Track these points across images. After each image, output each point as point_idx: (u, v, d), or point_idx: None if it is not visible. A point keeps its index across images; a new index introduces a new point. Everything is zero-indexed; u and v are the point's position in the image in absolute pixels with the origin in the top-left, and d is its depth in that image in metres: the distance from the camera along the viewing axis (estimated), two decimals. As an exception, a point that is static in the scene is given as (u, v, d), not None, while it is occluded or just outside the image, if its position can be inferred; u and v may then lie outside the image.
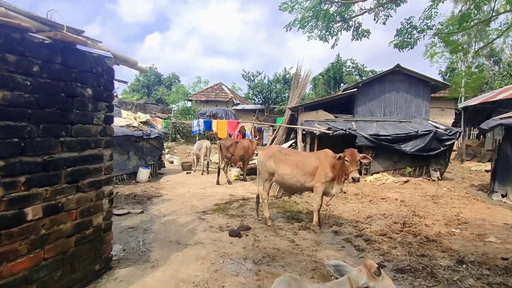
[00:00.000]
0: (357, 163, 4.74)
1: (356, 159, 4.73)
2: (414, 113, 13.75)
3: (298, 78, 17.77)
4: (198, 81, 36.81)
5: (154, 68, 39.13)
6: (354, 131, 10.59)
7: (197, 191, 8.37)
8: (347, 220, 5.67)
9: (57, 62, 2.62)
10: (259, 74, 24.37)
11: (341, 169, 4.85)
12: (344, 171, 4.81)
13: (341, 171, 4.87)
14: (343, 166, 4.78)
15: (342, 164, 4.79)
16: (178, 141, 20.33)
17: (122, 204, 6.76)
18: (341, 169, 4.84)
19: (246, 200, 7.32)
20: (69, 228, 2.79)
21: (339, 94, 14.72)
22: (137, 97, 28.83)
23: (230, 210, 6.34)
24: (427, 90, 13.69)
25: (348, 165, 4.70)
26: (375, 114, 14.01)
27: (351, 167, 4.68)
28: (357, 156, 4.76)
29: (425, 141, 9.89)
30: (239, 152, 9.74)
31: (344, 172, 4.82)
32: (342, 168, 4.82)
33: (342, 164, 4.79)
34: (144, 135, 10.12)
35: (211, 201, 7.18)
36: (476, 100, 15.49)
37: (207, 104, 24.92)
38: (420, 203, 6.85)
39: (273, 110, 22.75)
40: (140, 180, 9.77)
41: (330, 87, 29.08)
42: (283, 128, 16.98)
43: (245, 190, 8.77)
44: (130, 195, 7.51)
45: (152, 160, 11.13)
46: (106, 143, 3.25)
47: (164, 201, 7.12)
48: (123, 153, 9.63)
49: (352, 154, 4.74)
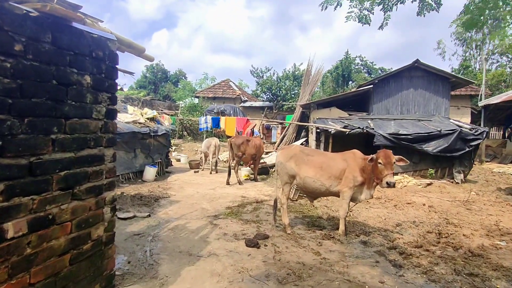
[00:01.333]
0: (392, 166, 4.20)
1: (391, 162, 4.19)
2: (433, 111, 13.09)
3: (309, 74, 17.19)
4: (205, 78, 36.34)
5: (161, 65, 38.83)
6: (372, 130, 9.99)
7: (207, 192, 7.89)
8: (374, 228, 5.12)
9: (46, 41, 2.11)
10: (268, 71, 23.85)
11: (372, 172, 4.31)
12: (376, 174, 4.27)
13: (372, 174, 4.33)
14: (375, 169, 4.24)
15: (374, 167, 4.25)
16: (185, 138, 19.91)
17: (127, 206, 6.30)
18: (373, 172, 4.30)
19: (259, 203, 6.81)
20: (63, 244, 2.30)
21: (353, 90, 14.11)
22: (143, 93, 28.48)
23: (243, 214, 5.84)
24: (447, 87, 13.02)
25: (382, 168, 4.16)
26: (391, 112, 13.38)
27: (386, 170, 4.14)
28: (392, 158, 4.22)
29: (449, 141, 9.26)
30: (250, 150, 9.23)
31: (377, 176, 4.28)
32: (374, 171, 4.28)
33: (374, 167, 4.25)
34: (151, 132, 9.67)
35: (222, 203, 6.69)
36: (498, 98, 14.74)
37: (214, 101, 24.46)
38: (451, 209, 6.27)
39: (282, 108, 22.19)
40: (146, 179, 9.32)
41: (339, 85, 28.40)
42: (293, 126, 16.43)
43: (257, 191, 8.26)
44: (136, 195, 7.05)
45: (159, 158, 10.69)
46: (108, 141, 2.76)
47: (172, 203, 6.64)
48: (129, 151, 9.19)
49: (386, 155, 4.20)
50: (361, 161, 4.41)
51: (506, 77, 23.58)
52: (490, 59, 36.79)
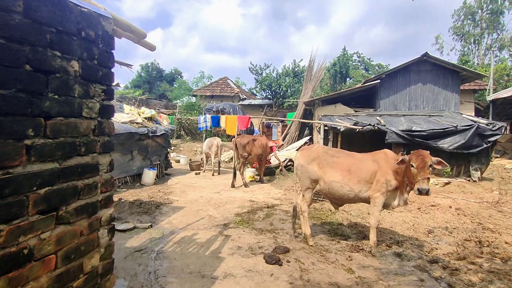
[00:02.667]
0: (427, 170, 3.62)
1: (426, 165, 3.60)
2: (443, 106, 12.61)
3: (311, 70, 16.65)
4: (202, 76, 35.69)
5: (156, 64, 38.06)
6: (384, 127, 9.47)
7: (212, 196, 7.31)
8: (404, 236, 4.59)
9: (16, 11, 1.53)
10: (268, 67, 23.23)
11: (405, 175, 3.76)
12: (409, 179, 3.72)
13: (406, 178, 3.79)
14: (408, 173, 3.70)
15: (407, 170, 3.71)
16: (183, 138, 19.27)
17: (126, 214, 5.72)
18: (406, 175, 3.76)
19: (270, 208, 6.25)
20: (45, 285, 1.73)
21: (360, 86, 13.59)
22: (139, 92, 27.78)
23: (256, 222, 5.27)
24: (456, 81, 12.53)
25: (415, 172, 3.61)
26: (399, 108, 12.87)
27: (419, 174, 3.58)
28: (428, 160, 3.65)
29: (466, 137, 8.76)
30: (257, 150, 8.67)
31: (410, 180, 3.73)
32: (406, 174, 3.73)
33: (407, 170, 3.71)
34: (149, 132, 9.06)
35: (230, 209, 6.12)
36: (508, 92, 14.32)
37: (212, 99, 23.83)
38: (481, 211, 5.75)
39: (283, 105, 21.62)
40: (145, 183, 8.73)
41: (336, 82, 27.91)
42: (296, 123, 15.89)
43: (266, 194, 7.70)
44: (135, 202, 6.46)
45: (158, 160, 10.09)
46: (103, 146, 2.19)
47: (175, 209, 6.06)
48: (126, 153, 8.58)
49: (420, 157, 3.64)
50: (394, 163, 3.87)
51: (509, 71, 23.20)
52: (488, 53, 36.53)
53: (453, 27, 38.38)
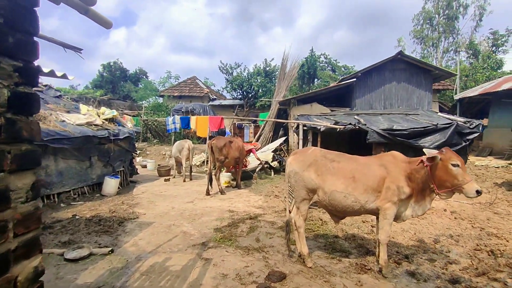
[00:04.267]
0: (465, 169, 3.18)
1: (463, 163, 3.15)
2: (416, 105, 12.62)
3: (284, 69, 16.19)
4: (168, 76, 34.13)
5: (119, 63, 35.77)
6: (365, 126, 9.11)
7: (185, 207, 6.45)
8: (410, 248, 4.07)
9: None
10: (238, 66, 22.49)
11: (431, 179, 3.19)
12: (448, 181, 3.12)
13: (425, 183, 3.23)
14: (444, 175, 3.11)
15: (441, 172, 3.13)
16: (150, 141, 17.98)
17: (81, 235, 4.71)
18: (433, 179, 3.18)
19: (253, 219, 5.52)
20: None
21: (336, 84, 13.27)
22: (100, 92, 25.83)
23: (239, 238, 4.52)
24: (429, 80, 12.59)
25: (458, 172, 3.07)
26: (374, 107, 12.72)
27: (465, 174, 3.08)
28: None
29: (446, 136, 8.61)
30: (234, 153, 7.90)
31: (451, 183, 3.10)
32: (439, 177, 3.14)
33: (441, 172, 3.13)
34: (110, 135, 7.97)
35: (207, 223, 5.31)
36: (473, 91, 14.74)
37: (180, 100, 22.64)
38: (477, 214, 5.44)
39: (255, 105, 20.98)
40: (107, 193, 7.63)
41: (304, 82, 27.92)
42: (270, 124, 15.30)
43: (245, 202, 6.96)
44: (93, 219, 5.44)
45: (122, 166, 8.98)
46: (18, 159, 1.35)
47: (142, 226, 5.14)
48: (83, 160, 7.44)
49: (457, 155, 3.15)
50: (406, 166, 3.31)
51: (467, 72, 24.34)
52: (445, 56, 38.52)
53: (413, 31, 40.04)
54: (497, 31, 26.67)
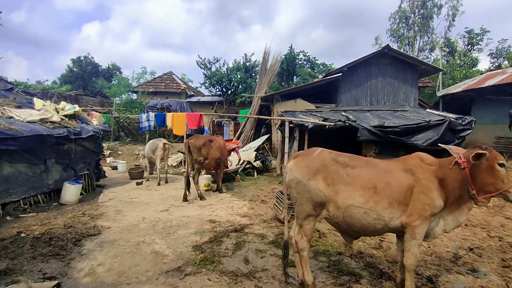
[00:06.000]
0: None
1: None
2: (403, 101, 12.27)
3: (266, 63, 15.45)
4: (143, 72, 32.50)
5: (90, 58, 33.57)
6: (355, 123, 8.52)
7: (158, 217, 5.53)
8: (429, 267, 3.42)
9: None
10: (217, 61, 21.46)
11: (471, 183, 2.52)
12: (485, 186, 2.50)
13: (462, 189, 2.56)
14: (490, 177, 2.47)
15: (487, 173, 2.48)
16: (122, 140, 16.69)
17: (23, 260, 3.72)
18: (477, 182, 2.52)
19: (239, 231, 4.71)
20: None
21: (321, 79, 12.69)
22: (66, 87, 24.00)
23: (224, 259, 3.70)
24: (415, 75, 12.28)
25: (503, 173, 2.46)
26: (360, 103, 12.24)
27: (509, 175, 2.47)
28: None
29: (439, 133, 8.17)
30: (214, 153, 7.04)
31: (495, 187, 2.50)
32: (485, 179, 2.50)
33: (487, 173, 2.48)
34: (70, 134, 6.88)
35: (184, 238, 4.45)
36: (456, 87, 14.64)
37: (156, 96, 21.38)
38: (489, 220, 4.92)
39: (235, 102, 20.09)
40: (66, 202, 6.56)
41: (283, 79, 27.46)
42: (251, 121, 14.53)
43: (228, 209, 6.14)
44: (42, 237, 4.43)
45: (86, 169, 7.89)
46: None
47: (103, 245, 4.20)
48: (36, 163, 6.33)
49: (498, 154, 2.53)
50: (437, 170, 2.63)
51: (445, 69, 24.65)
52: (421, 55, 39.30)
53: (390, 29, 40.54)
54: (472, 30, 27.24)
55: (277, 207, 5.27)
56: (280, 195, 5.32)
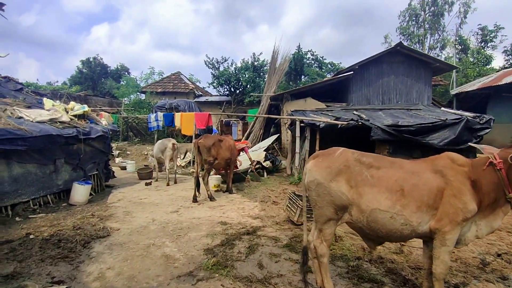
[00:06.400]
0: None
1: None
2: (415, 100, 11.96)
3: (275, 62, 15.27)
4: (152, 73, 32.57)
5: (99, 59, 33.85)
6: (368, 122, 8.30)
7: (168, 219, 5.42)
8: (455, 274, 3.21)
9: None
10: (225, 61, 21.36)
11: (507, 186, 2.32)
12: None
13: (497, 192, 2.36)
14: None
15: None
16: (131, 140, 16.71)
17: (31, 263, 3.64)
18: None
19: (252, 234, 4.57)
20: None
21: (331, 77, 12.46)
22: (76, 88, 24.18)
23: (237, 263, 3.56)
24: (428, 73, 11.96)
25: None
26: (372, 102, 11.97)
27: None
28: None
29: (456, 132, 7.89)
30: (224, 154, 6.91)
31: None
32: None
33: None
34: (79, 134, 6.83)
35: (195, 241, 4.32)
36: (471, 85, 14.22)
37: (164, 96, 21.39)
38: (507, 219, 4.67)
39: (243, 102, 19.96)
40: (75, 202, 6.51)
41: (291, 79, 27.25)
42: (260, 121, 14.36)
43: (239, 211, 5.99)
44: (51, 238, 4.35)
45: (96, 169, 7.84)
46: None
47: (113, 248, 4.10)
48: (45, 163, 6.30)
49: None
50: (469, 171, 2.43)
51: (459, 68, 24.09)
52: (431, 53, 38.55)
53: (399, 28, 39.92)
54: (485, 27, 26.57)
55: (290, 208, 5.10)
56: (293, 196, 5.15)
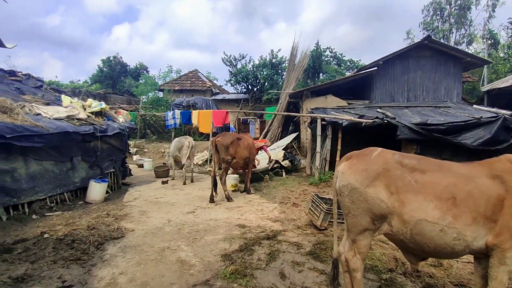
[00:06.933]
0: None
1: None
2: (444, 97, 11.30)
3: (294, 58, 14.88)
4: (169, 71, 32.70)
5: (118, 58, 34.42)
6: (394, 120, 7.82)
7: (184, 220, 5.21)
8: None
9: None
10: (243, 58, 21.08)
11: None
12: None
13: None
14: None
15: None
16: (148, 137, 16.76)
17: (43, 264, 3.49)
18: None
19: (272, 238, 4.28)
20: None
21: (354, 74, 11.97)
22: (96, 86, 24.58)
23: (257, 272, 3.28)
24: (458, 68, 11.25)
25: None
26: (396, 99, 11.40)
27: None
28: None
29: (492, 131, 7.27)
30: (243, 153, 6.65)
31: None
32: None
33: None
34: (96, 131, 6.74)
35: (212, 245, 4.07)
36: (504, 81, 13.33)
37: (181, 94, 21.38)
38: None
39: (261, 99, 19.67)
40: (91, 200, 6.43)
41: (309, 77, 26.69)
42: (278, 119, 14.03)
43: (258, 212, 5.71)
44: (65, 238, 4.21)
45: (112, 167, 7.76)
46: None
47: (126, 250, 3.91)
48: (62, 161, 6.22)
49: None
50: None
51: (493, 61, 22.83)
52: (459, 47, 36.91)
53: (423, 22, 38.44)
54: (517, 20, 25.06)
55: (313, 212, 4.78)
56: (316, 198, 4.82)
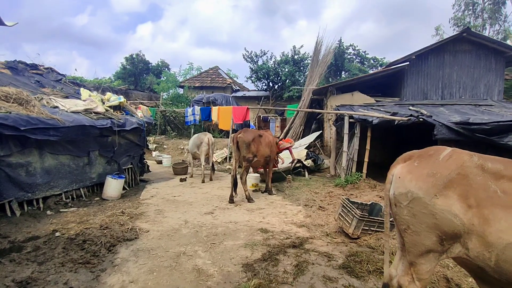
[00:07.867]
0: None
1: None
2: (483, 94, 10.40)
3: (318, 54, 14.26)
4: (190, 68, 32.75)
5: (141, 55, 34.86)
6: (430, 118, 7.15)
7: (202, 221, 4.85)
8: None
9: None
10: (264, 54, 20.61)
11: None
12: None
13: None
14: None
15: None
16: (168, 134, 16.67)
17: (50, 266, 3.22)
18: None
19: (298, 246, 3.83)
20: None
21: (383, 69, 11.26)
22: (118, 82, 24.86)
23: (283, 287, 2.85)
24: (501, 63, 10.30)
25: None
26: (429, 97, 10.60)
27: None
28: None
29: (545, 132, 6.51)
30: (264, 150, 6.22)
31: None
32: None
33: None
34: (114, 125, 6.51)
35: (232, 251, 3.67)
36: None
37: (202, 91, 21.21)
38: None
39: (282, 97, 19.16)
40: (108, 197, 6.21)
41: (331, 74, 25.86)
42: (300, 117, 13.48)
43: (282, 215, 5.28)
44: (76, 238, 3.94)
45: (130, 163, 7.55)
46: None
47: (139, 254, 3.58)
48: (79, 155, 6.03)
49: None
50: None
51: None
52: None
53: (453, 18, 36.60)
54: (560, 14, 23.24)
55: (343, 218, 4.28)
56: (347, 203, 4.32)
